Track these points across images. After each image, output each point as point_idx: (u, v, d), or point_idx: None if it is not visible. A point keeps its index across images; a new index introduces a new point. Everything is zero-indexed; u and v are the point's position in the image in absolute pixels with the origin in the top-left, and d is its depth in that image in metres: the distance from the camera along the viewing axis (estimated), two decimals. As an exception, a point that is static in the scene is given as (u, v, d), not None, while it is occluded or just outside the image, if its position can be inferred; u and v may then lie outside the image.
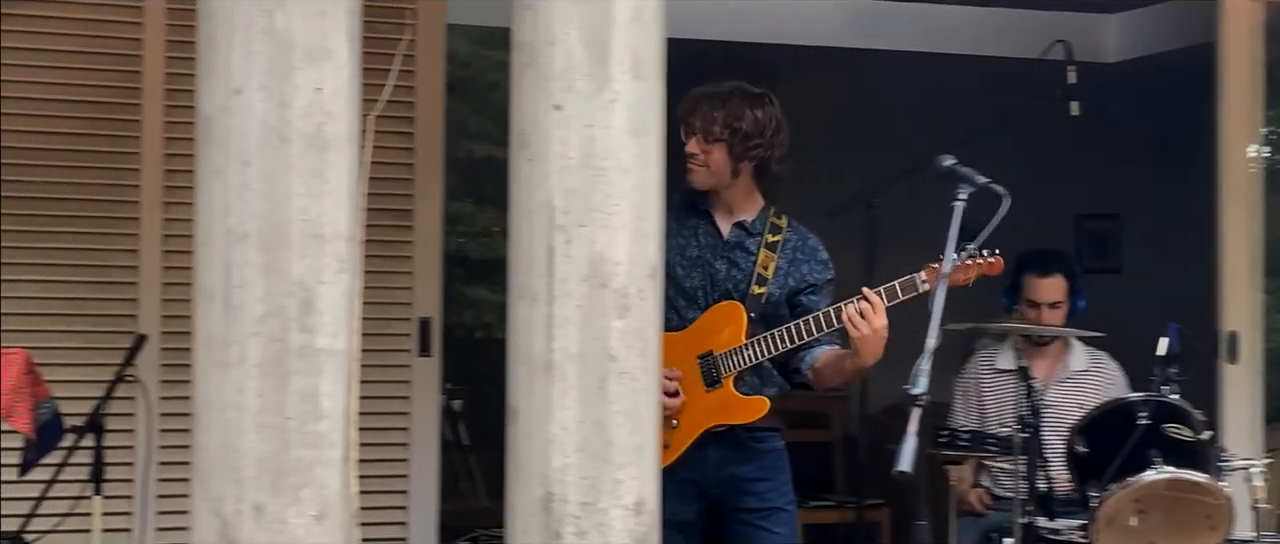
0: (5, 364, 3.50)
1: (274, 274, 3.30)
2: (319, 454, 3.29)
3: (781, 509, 4.32)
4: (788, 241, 4.34)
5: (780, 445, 4.35)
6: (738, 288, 4.28)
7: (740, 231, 4.34)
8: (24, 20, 5.27)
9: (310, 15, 3.31)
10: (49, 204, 5.27)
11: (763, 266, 4.30)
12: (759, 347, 4.20)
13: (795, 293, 4.31)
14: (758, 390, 4.27)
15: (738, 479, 4.27)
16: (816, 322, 4.16)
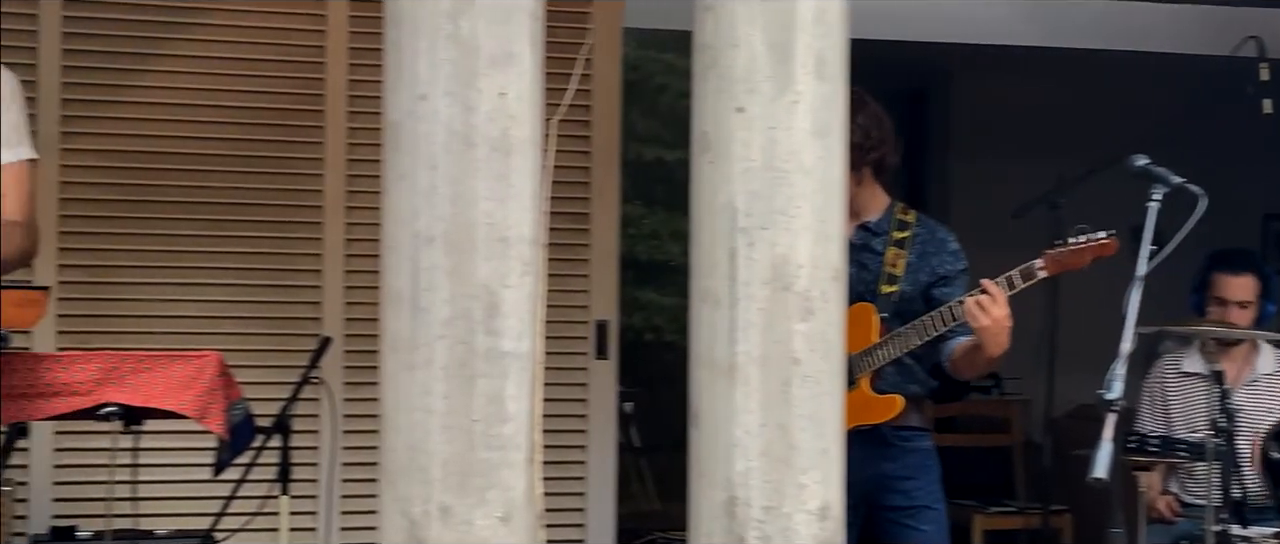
0: (199, 366, 3.57)
1: (460, 277, 3.32)
2: (504, 456, 3.31)
3: (929, 507, 4.29)
4: (917, 236, 4.31)
5: (928, 445, 4.33)
6: (868, 289, 4.26)
7: (865, 233, 4.31)
8: (210, 29, 5.39)
9: (495, 20, 3.34)
10: (236, 210, 5.38)
11: (891, 265, 4.27)
12: (891, 346, 4.19)
13: (929, 287, 4.28)
14: (899, 387, 4.25)
15: (884, 477, 4.26)
16: (941, 316, 4.14)
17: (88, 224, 5.29)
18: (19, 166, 3.88)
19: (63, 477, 5.20)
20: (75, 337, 5.11)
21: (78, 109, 5.29)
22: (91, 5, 5.30)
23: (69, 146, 5.27)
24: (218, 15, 5.39)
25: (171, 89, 5.37)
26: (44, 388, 3.48)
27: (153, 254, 5.33)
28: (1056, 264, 4.08)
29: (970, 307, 4.07)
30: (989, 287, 4.07)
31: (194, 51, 5.38)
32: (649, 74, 10.60)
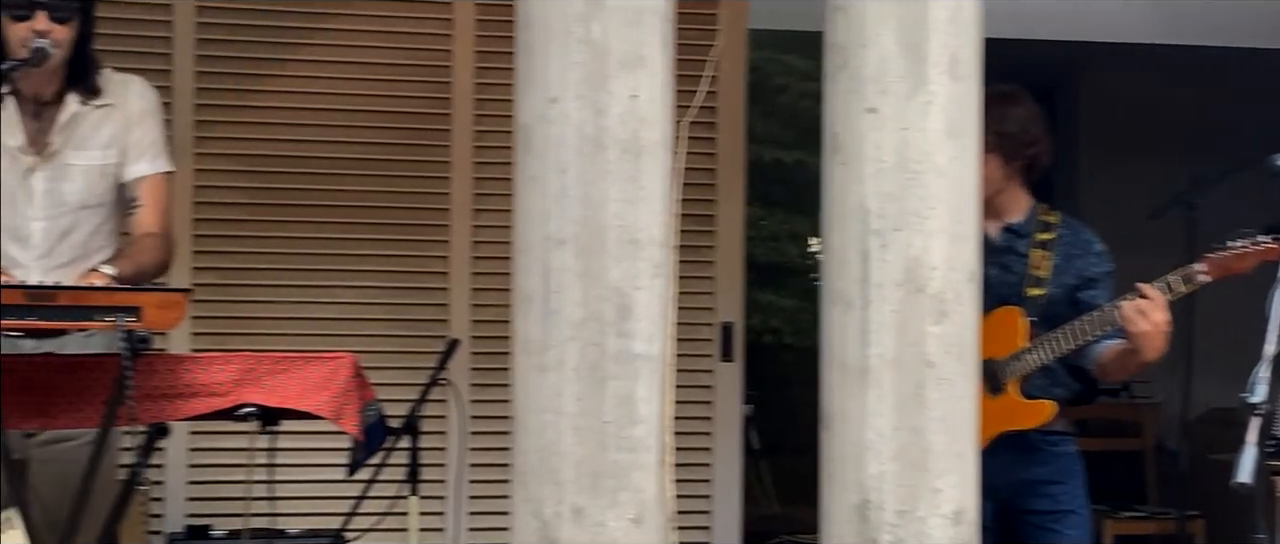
0: (334, 367, 3.61)
1: (591, 279, 3.33)
2: (635, 458, 3.32)
3: (1073, 512, 4.22)
4: (1061, 238, 4.24)
5: (1073, 449, 4.25)
6: (1012, 292, 4.19)
7: (1009, 235, 4.24)
8: (337, 33, 5.45)
9: (625, 23, 3.34)
10: (365, 213, 5.44)
11: (1036, 267, 4.20)
12: (1041, 350, 4.11)
13: (1075, 290, 4.21)
14: (1046, 392, 4.18)
15: (1029, 482, 4.19)
16: (1096, 320, 4.06)
17: (221, 227, 5.37)
18: (156, 179, 3.95)
19: (197, 476, 5.28)
20: (209, 338, 5.18)
21: (211, 114, 5.37)
22: (224, 12, 5.38)
23: (203, 151, 5.35)
24: (347, 20, 5.45)
25: (302, 94, 5.44)
26: (183, 389, 3.53)
27: (284, 256, 5.40)
28: (1219, 268, 3.98)
29: (1128, 311, 3.98)
30: (1148, 291, 3.98)
31: (323, 56, 5.44)
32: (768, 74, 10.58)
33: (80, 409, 3.52)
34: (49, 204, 3.86)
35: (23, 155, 3.85)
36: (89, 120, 3.89)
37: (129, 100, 3.93)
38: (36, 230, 3.85)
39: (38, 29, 3.76)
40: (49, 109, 3.88)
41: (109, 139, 3.90)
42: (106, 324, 3.40)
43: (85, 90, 3.88)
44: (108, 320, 3.39)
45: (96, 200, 3.90)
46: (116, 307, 3.39)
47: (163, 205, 3.95)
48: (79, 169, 3.88)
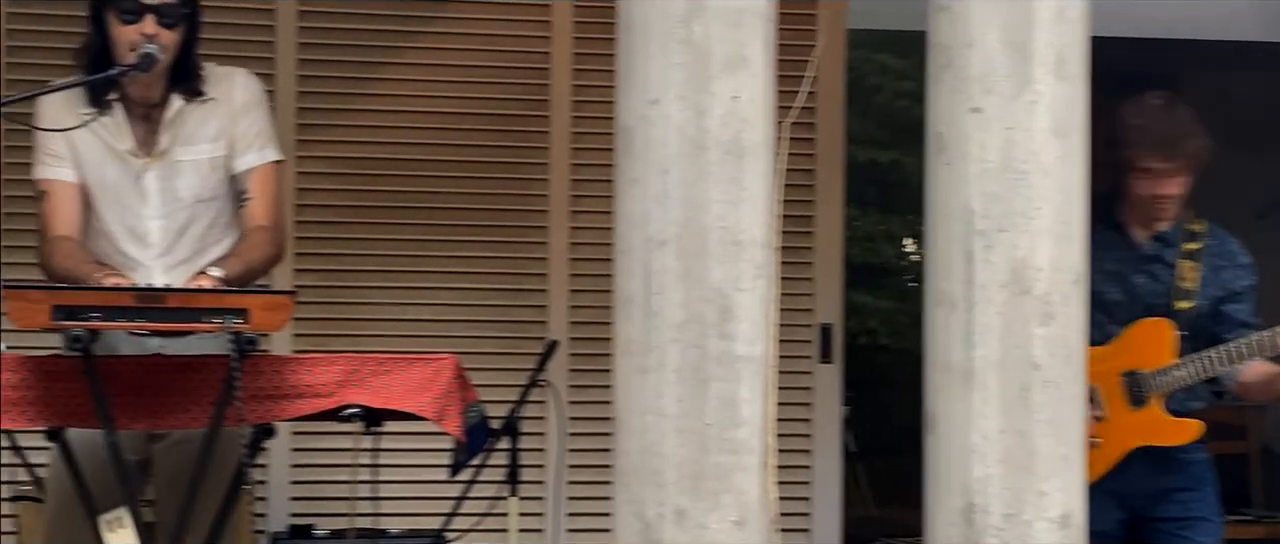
0: (437, 369, 3.62)
1: (692, 281, 3.33)
2: (738, 460, 3.31)
3: (1206, 519, 4.16)
4: (1207, 248, 4.14)
5: (1204, 457, 4.18)
6: (1160, 303, 4.11)
7: (1158, 243, 4.16)
8: (436, 36, 5.48)
9: (727, 24, 3.34)
10: (464, 214, 5.46)
11: (1182, 278, 4.11)
12: (1190, 368, 4.01)
13: (1219, 302, 4.12)
14: (1184, 405, 4.11)
15: (1162, 490, 4.13)
16: (1256, 345, 3.95)
17: (322, 229, 5.41)
18: (265, 169, 3.98)
19: (299, 476, 5.33)
20: (310, 339, 5.23)
21: (313, 117, 5.42)
22: (326, 16, 5.43)
23: (304, 154, 5.40)
24: (446, 23, 5.48)
25: (402, 96, 5.47)
26: (289, 389, 3.57)
27: (384, 258, 5.44)
28: None
29: None
30: None
31: (423, 59, 5.47)
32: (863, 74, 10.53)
33: (188, 410, 3.56)
34: (164, 202, 3.91)
35: (134, 158, 3.90)
36: (195, 116, 3.93)
37: (233, 92, 3.97)
38: (154, 229, 3.91)
39: (146, 32, 3.80)
40: (155, 110, 3.93)
41: (216, 132, 3.94)
42: (214, 326, 3.44)
43: (188, 92, 3.92)
44: (215, 322, 3.43)
45: (210, 194, 3.94)
46: (224, 309, 3.43)
47: (272, 195, 3.98)
48: (189, 164, 3.92)
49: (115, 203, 3.90)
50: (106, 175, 3.89)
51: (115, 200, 3.90)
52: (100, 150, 3.89)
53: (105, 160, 3.89)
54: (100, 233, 3.91)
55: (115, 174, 3.89)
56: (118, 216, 3.90)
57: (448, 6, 5.48)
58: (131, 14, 3.80)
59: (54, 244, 3.83)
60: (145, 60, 3.78)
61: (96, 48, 3.87)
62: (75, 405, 3.51)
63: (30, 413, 3.50)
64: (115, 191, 3.89)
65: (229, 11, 5.27)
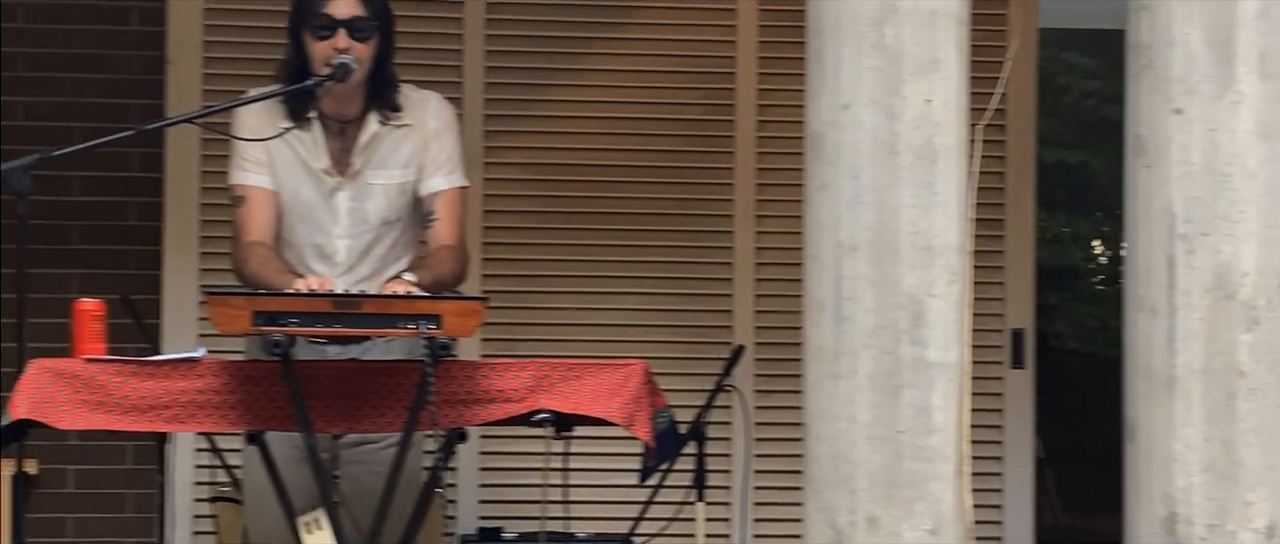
0: (626, 374, 3.63)
1: (884, 287, 3.30)
2: (932, 468, 3.27)
3: None
4: None
5: None
6: None
7: None
8: (622, 42, 5.50)
9: (919, 27, 3.30)
10: (650, 219, 5.48)
11: None
12: None
13: None
14: None
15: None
16: None
17: (509, 235, 5.46)
18: (453, 193, 4.03)
19: (487, 480, 5.38)
20: (497, 344, 5.28)
21: (499, 125, 5.47)
22: (513, 25, 5.48)
23: (492, 161, 5.45)
24: (632, 29, 5.50)
25: (588, 103, 5.50)
26: (480, 394, 3.60)
27: (570, 263, 5.47)
28: None
29: None
30: None
31: (609, 65, 5.50)
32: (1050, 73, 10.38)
33: (382, 414, 3.61)
34: (352, 222, 3.97)
35: (327, 177, 3.96)
36: (388, 140, 3.98)
37: (426, 119, 4.01)
38: (341, 248, 3.97)
39: (338, 47, 3.86)
40: (351, 128, 3.98)
41: (408, 157, 3.99)
42: (408, 331, 3.48)
43: (386, 107, 3.97)
44: (409, 327, 3.47)
45: (395, 216, 4.00)
46: (418, 314, 3.47)
47: (458, 219, 4.03)
48: (380, 188, 3.97)
49: (306, 219, 3.96)
50: (300, 191, 3.96)
51: (306, 216, 3.96)
52: (297, 166, 3.96)
53: (300, 176, 3.96)
54: (288, 244, 3.98)
55: (309, 191, 3.96)
56: (307, 233, 3.97)
57: (633, 13, 5.49)
58: (324, 29, 3.87)
59: (248, 249, 3.91)
60: (340, 70, 3.85)
61: (295, 64, 3.94)
62: (274, 409, 3.58)
63: (231, 416, 3.58)
64: (307, 208, 3.96)
65: (417, 21, 5.34)
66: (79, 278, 5.27)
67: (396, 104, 3.98)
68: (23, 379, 3.48)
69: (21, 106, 5.40)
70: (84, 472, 5.34)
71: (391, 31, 3.98)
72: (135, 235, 5.41)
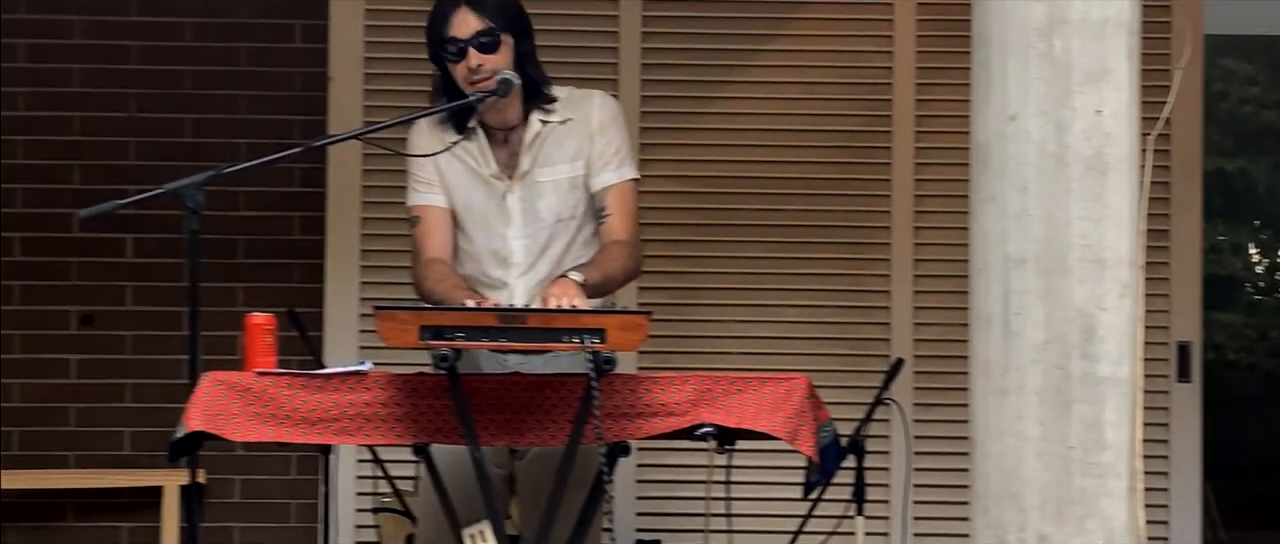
0: (789, 388, 3.62)
1: (1053, 300, 3.25)
2: (1103, 485, 3.22)
3: None
4: None
5: None
6: None
7: None
8: (778, 53, 5.50)
9: (1089, 37, 3.25)
10: (806, 231, 5.46)
11: None
12: None
13: None
14: None
15: None
16: None
17: (666, 247, 5.47)
18: (623, 186, 4.03)
19: (645, 491, 5.39)
20: (655, 357, 5.29)
21: (656, 136, 5.49)
22: (669, 37, 5.49)
23: (648, 173, 5.43)
24: (788, 40, 5.49)
25: (743, 114, 5.50)
26: (644, 408, 3.60)
27: (727, 276, 5.47)
28: None
29: None
30: None
31: (765, 77, 5.49)
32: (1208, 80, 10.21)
33: (546, 427, 3.63)
34: (526, 222, 4.00)
35: (497, 181, 4.00)
36: (553, 136, 4.01)
37: (590, 113, 4.03)
38: (518, 249, 4.00)
39: (471, 65, 3.89)
40: (515, 132, 4.02)
41: (574, 152, 4.01)
42: (573, 346, 3.49)
43: (543, 102, 4.00)
44: (574, 342, 3.48)
45: (569, 213, 4.02)
46: (582, 329, 3.48)
47: (629, 212, 4.03)
48: (549, 185, 4.00)
49: (481, 226, 4.00)
50: (473, 200, 4.00)
51: (481, 223, 4.00)
52: (467, 176, 4.00)
53: (471, 185, 4.00)
54: (468, 255, 4.03)
55: (481, 198, 4.00)
56: (484, 239, 4.01)
57: (789, 23, 5.48)
58: (453, 53, 3.91)
59: (428, 266, 3.96)
60: (502, 86, 3.88)
61: (444, 85, 3.99)
62: (440, 422, 3.61)
63: (398, 429, 3.62)
64: (481, 215, 4.00)
65: (573, 35, 5.38)
66: (244, 291, 5.38)
67: (551, 96, 4.00)
68: (197, 391, 3.54)
69: (189, 122, 5.52)
70: (250, 482, 5.45)
71: (526, 30, 3.98)
72: (298, 249, 5.51)
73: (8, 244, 5.44)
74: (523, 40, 3.97)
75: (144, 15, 5.48)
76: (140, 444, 5.42)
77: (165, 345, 5.37)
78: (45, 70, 5.46)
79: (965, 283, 3.40)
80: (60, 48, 5.46)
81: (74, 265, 5.45)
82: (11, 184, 5.44)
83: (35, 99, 5.46)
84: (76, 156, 5.45)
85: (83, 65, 5.46)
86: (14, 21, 5.45)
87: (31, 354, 5.43)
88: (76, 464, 5.44)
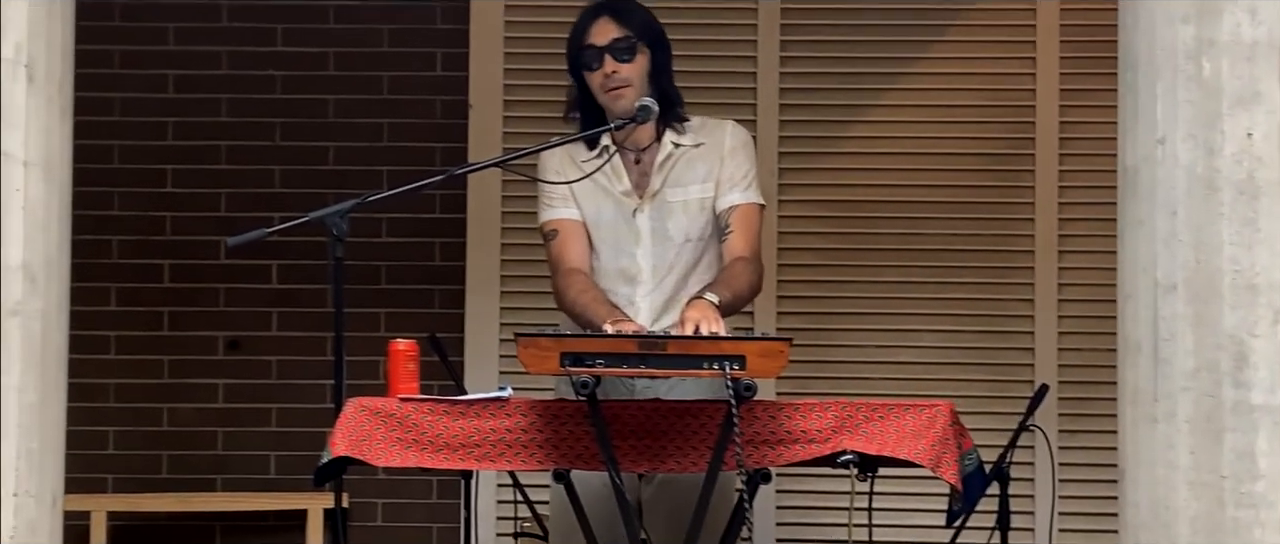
0: (931, 416, 3.58)
1: (1204, 327, 3.19)
2: (1255, 515, 3.15)
3: None
4: None
5: None
6: None
7: None
8: (918, 77, 5.46)
9: (1239, 59, 3.19)
10: (947, 256, 5.41)
11: None
12: None
13: None
14: None
15: None
16: None
17: (805, 271, 5.45)
18: (748, 207, 4.06)
19: (785, 518, 5.37)
20: (794, 382, 5.25)
21: (793, 161, 5.47)
22: (807, 62, 5.48)
23: (786, 198, 5.45)
24: (928, 63, 5.45)
25: (883, 138, 5.47)
26: (784, 435, 3.59)
27: (867, 300, 5.44)
28: None
29: None
30: None
31: (905, 100, 5.46)
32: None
33: (686, 454, 3.63)
34: (655, 241, 4.02)
35: (627, 199, 4.03)
36: (685, 158, 4.03)
37: (723, 138, 4.07)
38: (645, 267, 4.02)
39: (608, 72, 3.94)
40: (647, 152, 4.05)
41: (704, 174, 4.03)
42: (713, 372, 3.49)
43: (674, 120, 4.03)
44: (714, 369, 3.48)
45: (696, 235, 4.04)
46: (722, 355, 3.48)
47: (752, 231, 4.04)
48: (679, 205, 4.02)
49: (610, 243, 4.03)
50: (603, 216, 4.04)
51: (610, 240, 4.03)
52: (598, 193, 4.04)
53: (602, 202, 4.03)
54: (596, 271, 4.06)
55: (611, 215, 4.03)
56: (612, 256, 4.04)
57: (930, 46, 5.45)
58: (591, 61, 3.95)
59: (568, 277, 4.00)
60: (642, 112, 3.89)
61: (581, 98, 4.04)
62: (580, 448, 3.63)
63: (538, 455, 3.63)
64: (611, 231, 4.03)
65: (711, 60, 5.39)
66: (387, 316, 5.44)
67: (685, 117, 4.03)
68: (342, 417, 3.59)
69: (332, 150, 5.60)
70: (392, 506, 5.50)
71: (663, 45, 4.02)
72: (440, 275, 5.56)
73: (157, 271, 5.55)
74: (659, 53, 4.01)
75: (288, 46, 5.57)
76: (285, 468, 5.49)
77: (310, 370, 5.44)
78: (193, 100, 5.57)
79: (1111, 307, 3.35)
80: (208, 78, 5.57)
81: (221, 291, 5.54)
82: (160, 212, 5.55)
83: (184, 129, 5.57)
84: (223, 184, 5.55)
85: (229, 95, 5.56)
86: (163, 53, 5.57)
87: (180, 379, 5.53)
88: (223, 487, 5.53)
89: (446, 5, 5.56)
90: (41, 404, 3.29)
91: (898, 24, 5.45)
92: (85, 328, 5.23)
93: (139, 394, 5.52)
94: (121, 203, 5.53)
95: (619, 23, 3.97)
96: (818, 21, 5.48)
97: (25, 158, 3.26)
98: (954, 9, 5.44)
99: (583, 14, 4.05)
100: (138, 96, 5.55)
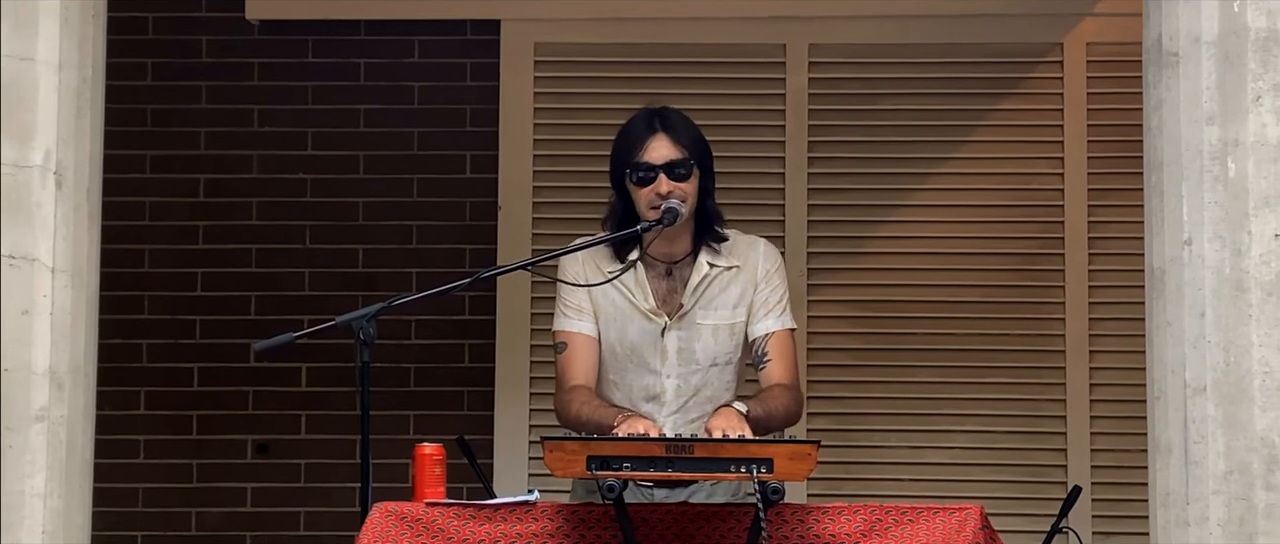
0: (961, 519, 3.55)
1: (1235, 429, 3.16)
2: (1291, 620, 3.10)
3: None
4: None
5: None
6: None
7: None
8: (946, 177, 5.47)
9: (1265, 159, 3.19)
10: (978, 356, 5.39)
11: None
12: None
13: None
14: None
15: None
16: None
17: (835, 372, 5.44)
18: (783, 334, 4.02)
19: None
20: (825, 484, 5.23)
21: (822, 261, 5.47)
22: (834, 161, 5.49)
23: (816, 298, 5.45)
24: (956, 163, 5.46)
25: (911, 238, 5.47)
26: (813, 539, 3.55)
27: (897, 401, 5.41)
28: None
29: None
30: None
31: (933, 199, 5.46)
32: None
33: (714, 558, 3.60)
34: (681, 362, 3.99)
35: (655, 316, 4.00)
36: (718, 282, 4.01)
37: (756, 261, 4.03)
38: (669, 387, 3.99)
39: (660, 191, 3.91)
40: (679, 267, 4.02)
41: (737, 299, 4.01)
42: (741, 476, 3.47)
43: (712, 240, 4.00)
44: (741, 472, 3.46)
45: (724, 358, 4.01)
46: (750, 459, 3.46)
47: (790, 358, 4.02)
48: (709, 329, 3.99)
49: (634, 359, 4.00)
50: (628, 332, 4.00)
51: (634, 357, 4.00)
52: (624, 307, 4.01)
53: (628, 317, 4.00)
54: (615, 386, 4.02)
55: (636, 331, 4.00)
56: (635, 375, 4.00)
57: (958, 147, 5.46)
58: (642, 178, 3.92)
59: (571, 393, 3.96)
60: (669, 215, 3.89)
61: (620, 211, 4.00)
62: (606, 552, 3.60)
63: (565, 559, 3.61)
64: (636, 349, 3.99)
65: (740, 161, 5.40)
66: (416, 418, 5.43)
67: (722, 237, 4.01)
68: (368, 522, 3.57)
69: (362, 252, 5.62)
70: (420, 609, 5.46)
71: (710, 165, 4.02)
72: (468, 377, 5.55)
73: (186, 374, 5.56)
74: (707, 175, 4.00)
75: (318, 149, 5.61)
76: (313, 571, 5.48)
77: (339, 474, 5.44)
78: (223, 204, 5.60)
79: (1143, 407, 3.32)
80: (238, 182, 5.61)
81: (250, 394, 5.55)
82: (190, 315, 5.57)
83: (214, 232, 5.60)
84: (252, 287, 5.57)
85: (259, 198, 5.60)
86: (194, 157, 5.61)
87: (209, 482, 5.53)
88: (252, 591, 5.52)
89: (475, 107, 5.59)
90: (66, 511, 3.29)
91: (926, 124, 5.46)
92: (114, 432, 5.24)
93: (168, 498, 5.52)
94: (151, 306, 5.56)
95: (674, 141, 3.94)
96: (846, 122, 5.50)
97: (53, 265, 3.28)
98: (981, 109, 5.45)
99: (632, 125, 3.99)
100: (168, 200, 5.59)
